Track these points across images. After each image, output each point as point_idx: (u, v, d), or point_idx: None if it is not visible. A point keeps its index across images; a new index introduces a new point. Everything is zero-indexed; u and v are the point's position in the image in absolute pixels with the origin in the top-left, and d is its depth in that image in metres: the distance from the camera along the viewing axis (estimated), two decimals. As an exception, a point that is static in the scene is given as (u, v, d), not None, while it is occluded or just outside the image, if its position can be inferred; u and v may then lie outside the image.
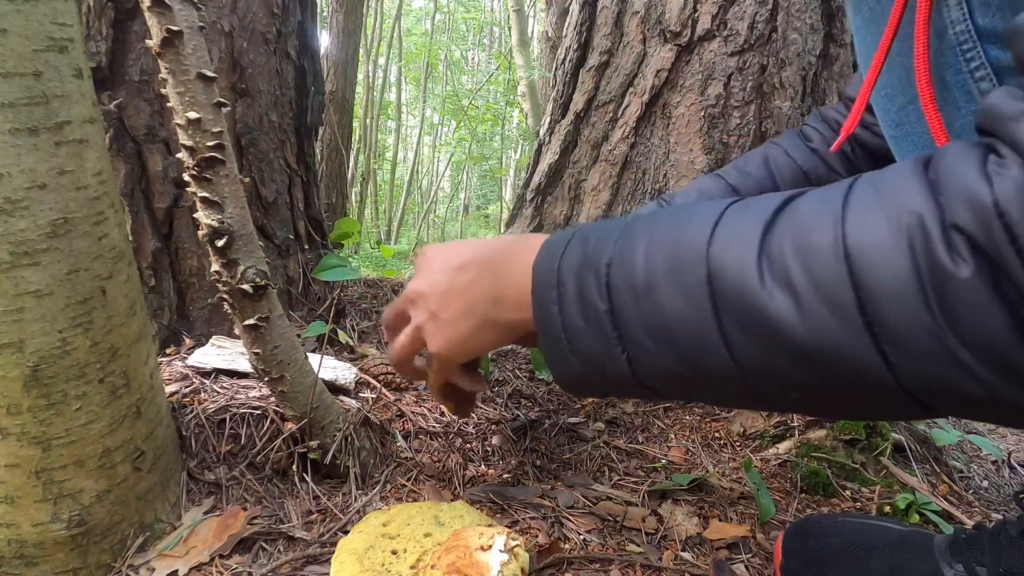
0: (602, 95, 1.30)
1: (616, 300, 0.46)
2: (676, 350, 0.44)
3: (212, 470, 0.80)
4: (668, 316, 0.43)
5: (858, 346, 0.37)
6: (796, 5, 1.18)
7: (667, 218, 0.47)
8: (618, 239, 0.48)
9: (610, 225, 0.51)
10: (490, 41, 13.16)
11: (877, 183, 0.39)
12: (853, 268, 0.37)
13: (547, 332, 0.51)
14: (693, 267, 0.42)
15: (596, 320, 0.47)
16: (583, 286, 0.48)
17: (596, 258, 0.48)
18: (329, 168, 4.47)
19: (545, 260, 0.52)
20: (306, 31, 1.22)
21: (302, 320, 1.16)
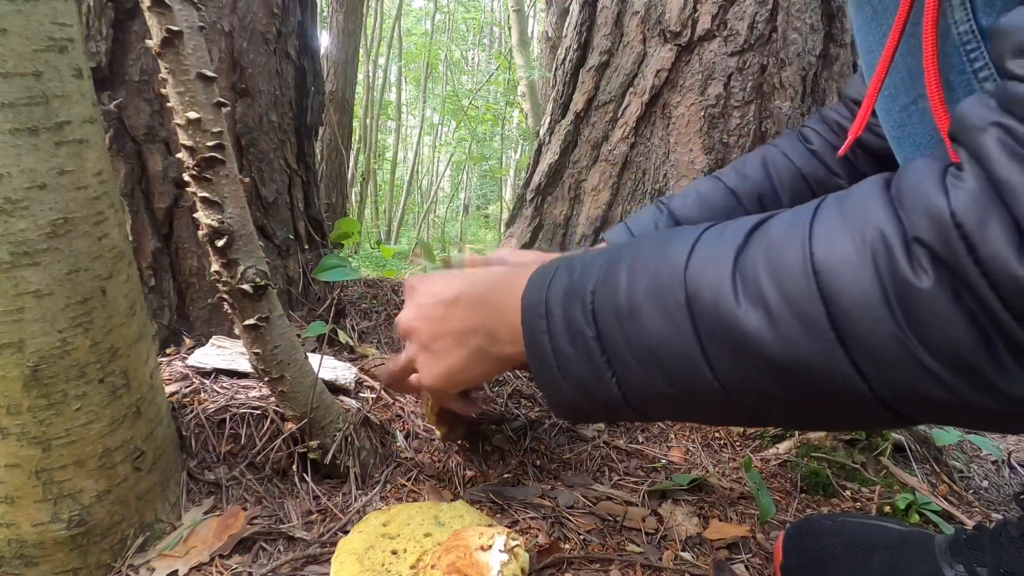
0: (602, 95, 1.30)
1: (602, 325, 0.47)
2: (662, 371, 0.45)
3: (212, 470, 0.80)
4: (652, 338, 0.45)
5: (831, 359, 0.38)
6: (796, 5, 1.18)
7: (648, 245, 0.49)
8: (602, 266, 0.49)
9: (595, 254, 0.52)
10: (490, 41, 13.16)
11: (843, 201, 0.41)
12: (822, 283, 0.38)
13: (538, 361, 0.52)
14: (672, 290, 0.44)
15: (584, 346, 0.48)
16: (570, 314, 0.49)
17: (582, 286, 0.49)
18: (329, 168, 4.48)
19: (533, 291, 0.53)
20: (306, 31, 1.22)
21: (302, 320, 1.16)
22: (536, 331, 0.51)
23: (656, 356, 0.45)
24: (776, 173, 0.91)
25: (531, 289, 0.53)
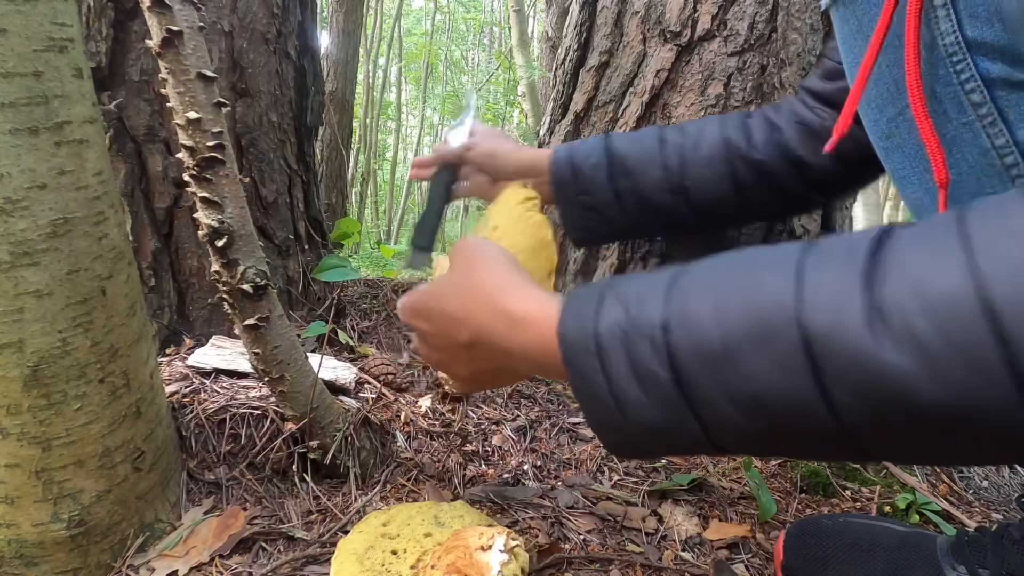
0: (602, 95, 1.30)
1: (684, 368, 0.42)
2: (765, 415, 0.40)
3: (212, 470, 0.80)
4: (756, 383, 0.40)
5: (1008, 404, 0.34)
6: (796, 5, 1.18)
7: (729, 273, 0.43)
8: (668, 298, 0.43)
9: (647, 280, 0.46)
10: (490, 41, 13.16)
11: (1004, 222, 0.35)
12: (1001, 323, 0.33)
13: (593, 403, 0.47)
14: (783, 331, 0.38)
15: (658, 390, 0.43)
16: (634, 353, 0.43)
17: (645, 321, 0.43)
18: (329, 168, 4.47)
19: (575, 326, 0.47)
20: (306, 31, 1.22)
21: (302, 320, 1.16)
22: (587, 372, 0.46)
23: (759, 401, 0.40)
24: (706, 131, 0.93)
25: (571, 325, 0.47)
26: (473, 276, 0.57)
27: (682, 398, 0.42)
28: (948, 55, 0.51)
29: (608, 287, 0.48)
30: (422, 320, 0.62)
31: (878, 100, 0.58)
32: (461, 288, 0.57)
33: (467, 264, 0.58)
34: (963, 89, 0.51)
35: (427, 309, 0.61)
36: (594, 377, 0.45)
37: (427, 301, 0.61)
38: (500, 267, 0.57)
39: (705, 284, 0.43)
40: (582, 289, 0.50)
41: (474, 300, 0.56)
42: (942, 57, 0.50)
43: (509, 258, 0.58)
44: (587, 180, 0.94)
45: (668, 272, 0.46)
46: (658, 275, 0.47)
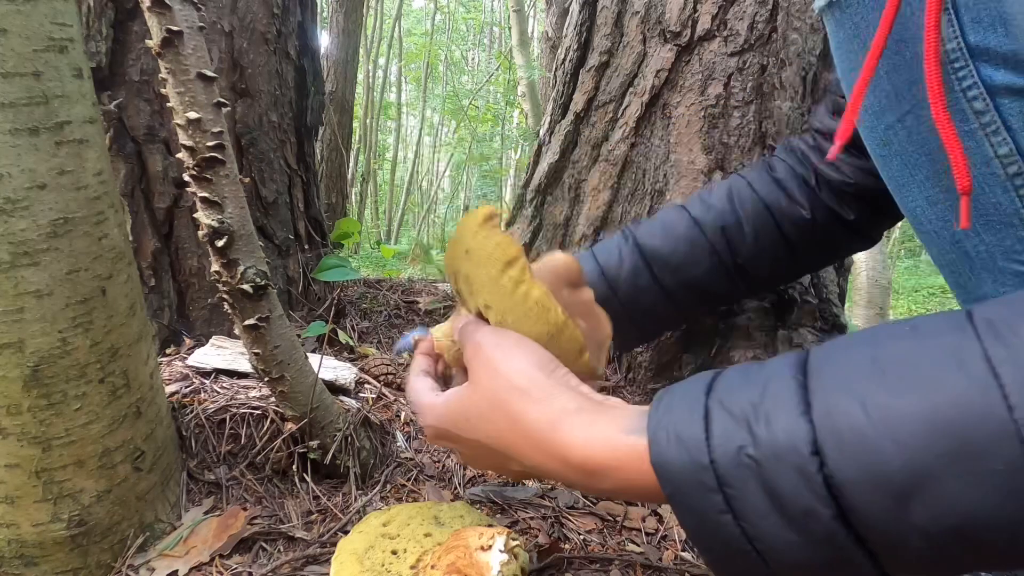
0: (602, 95, 1.30)
1: (854, 503, 0.34)
2: (971, 544, 0.33)
3: (212, 470, 0.80)
4: (956, 513, 0.32)
5: None
6: (796, 5, 1.18)
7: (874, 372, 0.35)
8: (805, 410, 0.35)
9: (756, 383, 0.38)
10: (490, 41, 13.16)
11: None
12: None
13: (720, 548, 0.38)
14: (996, 448, 0.31)
15: (816, 528, 0.35)
16: (776, 487, 0.35)
17: (784, 445, 0.35)
18: (329, 168, 4.47)
19: (679, 457, 0.38)
20: (306, 31, 1.22)
21: (302, 320, 1.16)
22: (707, 512, 0.37)
23: (963, 532, 0.33)
24: (740, 204, 0.89)
25: (673, 455, 0.38)
26: (506, 403, 0.47)
27: (850, 535, 0.34)
28: (950, 61, 0.50)
29: (708, 392, 0.39)
30: (453, 443, 0.55)
31: (875, 107, 0.58)
32: (494, 416, 0.48)
33: (491, 380, 0.49)
34: (965, 96, 0.50)
35: (457, 436, 0.53)
36: (719, 519, 0.37)
37: (455, 427, 0.53)
38: (536, 384, 0.47)
39: (851, 390, 0.34)
40: (667, 394, 0.41)
41: (521, 438, 0.46)
42: (944, 63, 0.50)
43: (538, 359, 0.49)
44: (629, 288, 0.86)
45: (781, 367, 0.38)
46: (767, 369, 0.38)
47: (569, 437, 0.43)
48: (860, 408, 0.33)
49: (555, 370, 0.48)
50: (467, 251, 0.57)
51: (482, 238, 0.56)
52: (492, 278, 0.55)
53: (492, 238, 0.56)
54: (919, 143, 0.55)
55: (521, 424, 0.46)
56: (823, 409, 0.34)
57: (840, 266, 1.25)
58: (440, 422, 0.54)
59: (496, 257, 0.55)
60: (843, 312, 1.22)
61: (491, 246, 0.55)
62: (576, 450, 0.43)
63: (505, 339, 0.52)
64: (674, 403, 0.40)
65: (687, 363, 1.17)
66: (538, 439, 0.45)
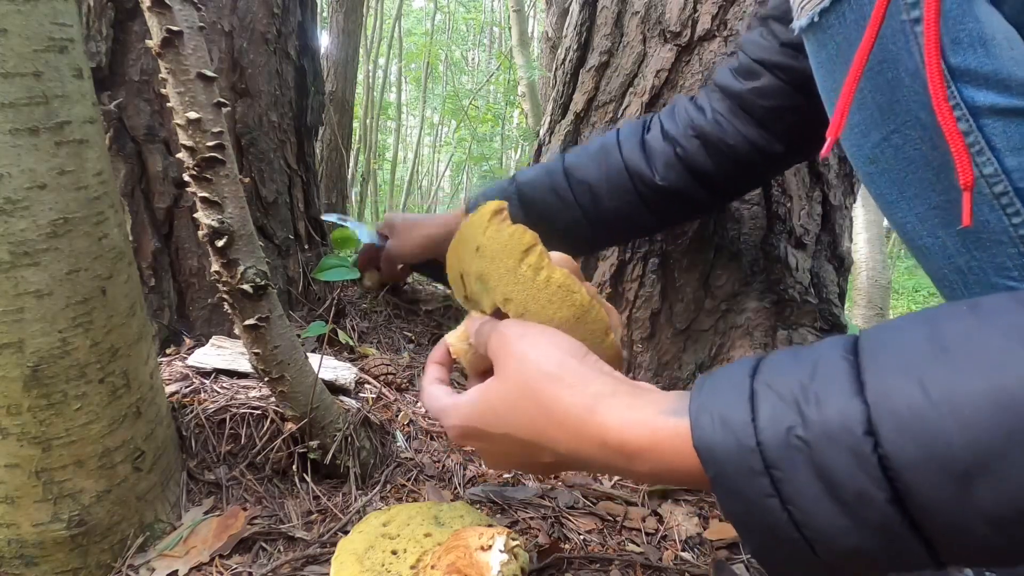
0: (602, 95, 1.30)
1: (912, 486, 0.32)
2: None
3: (212, 470, 0.80)
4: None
5: None
6: (796, 5, 1.18)
7: (934, 349, 0.33)
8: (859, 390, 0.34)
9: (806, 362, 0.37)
10: (490, 41, 13.16)
11: None
12: None
13: (766, 534, 0.37)
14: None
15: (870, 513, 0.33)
16: (828, 469, 0.33)
17: (836, 425, 0.33)
18: (329, 168, 4.47)
19: (724, 439, 0.36)
20: (306, 31, 1.22)
21: (302, 320, 1.16)
22: (753, 497, 0.36)
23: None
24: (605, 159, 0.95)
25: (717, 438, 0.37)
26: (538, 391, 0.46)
27: (905, 521, 0.33)
28: None
29: (752, 375, 0.38)
30: (480, 441, 0.52)
31: (861, 126, 0.57)
32: (525, 405, 0.47)
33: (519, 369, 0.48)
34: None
35: (485, 433, 0.51)
36: (765, 503, 0.35)
37: (482, 422, 0.51)
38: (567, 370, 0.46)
39: (908, 370, 0.33)
40: (710, 378, 0.40)
41: (556, 424, 0.45)
42: (925, 85, 0.50)
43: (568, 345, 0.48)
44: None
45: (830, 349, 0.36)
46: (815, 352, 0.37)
47: (607, 419, 0.42)
48: (918, 388, 0.32)
49: (586, 356, 0.47)
50: (478, 248, 0.56)
51: (493, 232, 0.56)
52: (510, 269, 0.55)
53: (504, 230, 0.55)
54: (907, 161, 0.55)
55: (555, 410, 0.44)
56: (878, 389, 0.33)
57: (840, 266, 1.25)
58: (467, 420, 0.52)
59: (512, 248, 0.54)
60: (843, 312, 1.22)
61: (505, 238, 0.55)
62: (614, 432, 0.42)
63: (530, 328, 0.51)
64: (718, 385, 0.39)
65: (687, 363, 1.17)
66: (574, 424, 0.44)
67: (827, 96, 0.61)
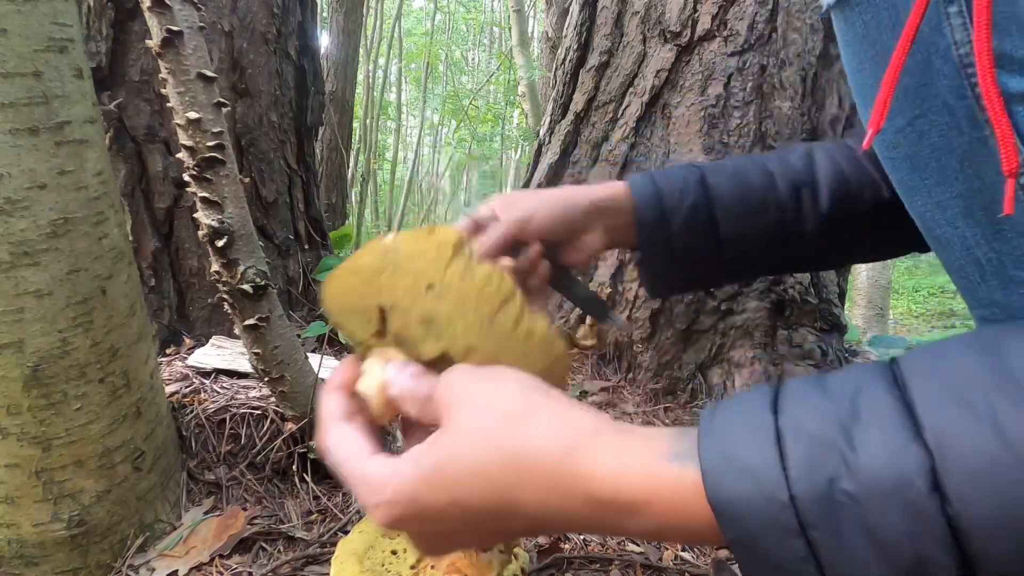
0: (602, 95, 1.30)
1: (988, 553, 0.26)
2: None
3: (212, 470, 0.80)
4: None
5: None
6: (796, 5, 1.18)
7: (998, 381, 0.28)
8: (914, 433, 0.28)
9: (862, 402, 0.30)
10: (490, 41, 13.17)
11: None
12: None
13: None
14: None
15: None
16: (882, 531, 0.28)
17: (894, 478, 0.27)
18: (329, 168, 4.47)
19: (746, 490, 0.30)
20: (306, 31, 1.22)
21: (302, 320, 1.16)
22: (784, 559, 0.29)
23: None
24: (820, 167, 0.84)
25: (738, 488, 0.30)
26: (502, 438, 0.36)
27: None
28: (963, 66, 0.49)
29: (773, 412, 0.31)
30: (423, 523, 0.38)
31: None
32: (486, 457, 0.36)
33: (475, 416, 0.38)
34: (979, 104, 0.49)
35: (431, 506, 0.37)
36: (800, 569, 0.29)
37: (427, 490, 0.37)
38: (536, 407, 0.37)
39: (974, 406, 0.27)
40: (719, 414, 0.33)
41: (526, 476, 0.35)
42: (956, 68, 0.49)
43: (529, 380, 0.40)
44: (683, 224, 0.76)
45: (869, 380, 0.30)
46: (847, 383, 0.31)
47: (592, 465, 0.34)
48: (991, 429, 0.26)
49: (549, 390, 0.39)
50: (430, 286, 0.47)
51: (460, 271, 0.46)
52: (483, 318, 0.46)
53: (476, 272, 0.46)
54: (930, 147, 0.54)
55: (525, 457, 0.35)
56: (941, 430, 0.27)
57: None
58: (402, 493, 0.37)
59: (489, 295, 0.46)
60: (843, 312, 1.22)
61: (479, 282, 0.46)
62: (603, 481, 0.33)
63: (479, 370, 0.41)
64: (732, 423, 0.32)
65: (687, 363, 1.17)
66: (551, 472, 0.35)
67: (853, 76, 0.60)
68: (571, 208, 0.72)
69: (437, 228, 0.49)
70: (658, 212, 0.75)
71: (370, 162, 7.27)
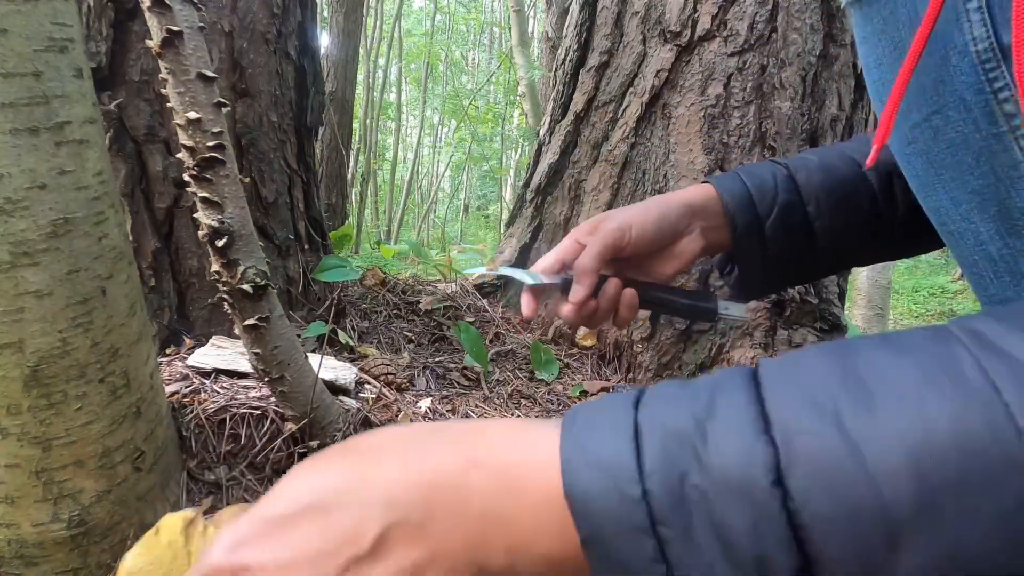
0: (602, 95, 1.30)
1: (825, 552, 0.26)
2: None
3: (212, 470, 0.80)
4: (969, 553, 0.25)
5: None
6: (796, 5, 1.18)
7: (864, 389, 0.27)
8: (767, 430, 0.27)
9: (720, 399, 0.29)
10: (490, 41, 13.18)
11: None
12: None
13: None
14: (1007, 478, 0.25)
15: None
16: (728, 528, 0.27)
17: (741, 473, 0.27)
18: (329, 168, 4.47)
19: (599, 480, 0.28)
20: (306, 31, 1.22)
21: (302, 320, 1.16)
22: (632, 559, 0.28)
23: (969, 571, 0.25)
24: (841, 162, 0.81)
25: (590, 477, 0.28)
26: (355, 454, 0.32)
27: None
28: (981, 61, 0.49)
29: (635, 407, 0.30)
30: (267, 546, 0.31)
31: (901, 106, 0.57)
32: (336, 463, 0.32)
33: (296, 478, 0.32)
34: (996, 98, 0.49)
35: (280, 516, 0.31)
36: (649, 569, 0.27)
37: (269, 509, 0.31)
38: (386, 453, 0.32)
39: (821, 406, 0.27)
40: (583, 409, 0.32)
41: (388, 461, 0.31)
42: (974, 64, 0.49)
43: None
44: (777, 223, 0.73)
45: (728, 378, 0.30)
46: (710, 382, 0.31)
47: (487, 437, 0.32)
48: (834, 428, 0.26)
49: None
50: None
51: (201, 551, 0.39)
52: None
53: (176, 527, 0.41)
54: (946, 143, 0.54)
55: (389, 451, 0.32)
56: (787, 426, 0.27)
57: (840, 266, 1.25)
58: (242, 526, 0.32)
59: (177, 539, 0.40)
60: (843, 312, 1.22)
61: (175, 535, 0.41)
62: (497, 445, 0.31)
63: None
64: (593, 418, 0.31)
65: (687, 363, 1.17)
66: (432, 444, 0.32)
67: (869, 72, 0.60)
68: (665, 212, 0.70)
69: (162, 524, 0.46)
70: (750, 212, 0.74)
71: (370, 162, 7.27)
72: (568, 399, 1.14)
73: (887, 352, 0.29)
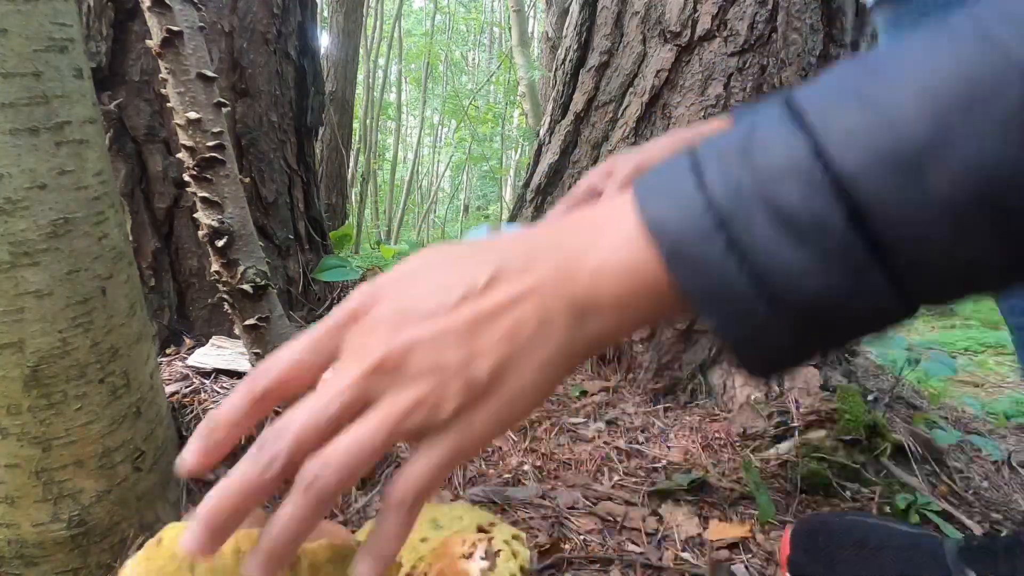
0: (602, 95, 1.30)
1: (867, 192, 0.29)
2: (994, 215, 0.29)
3: (212, 470, 0.80)
4: (980, 169, 0.28)
5: None
6: (796, 5, 1.18)
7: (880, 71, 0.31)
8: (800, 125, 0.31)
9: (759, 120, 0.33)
10: (490, 41, 13.18)
11: None
12: None
13: (719, 300, 0.32)
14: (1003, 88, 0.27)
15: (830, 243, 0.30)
16: (781, 203, 0.30)
17: (787, 161, 0.31)
18: (329, 168, 4.47)
19: (670, 208, 0.33)
20: (306, 31, 1.22)
21: (302, 320, 1.16)
22: (709, 260, 0.32)
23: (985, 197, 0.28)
24: None
25: (664, 207, 0.33)
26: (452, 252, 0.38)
27: (860, 238, 0.30)
28: None
29: (690, 152, 0.34)
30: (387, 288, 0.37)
31: None
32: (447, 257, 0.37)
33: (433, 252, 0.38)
34: None
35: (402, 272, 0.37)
36: (718, 264, 0.31)
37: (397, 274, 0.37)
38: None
39: (843, 92, 0.31)
40: (647, 175, 0.35)
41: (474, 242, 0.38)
42: None
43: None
44: None
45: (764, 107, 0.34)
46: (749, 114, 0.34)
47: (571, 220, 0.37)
48: (856, 102, 0.30)
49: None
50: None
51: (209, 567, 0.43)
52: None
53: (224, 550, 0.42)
54: None
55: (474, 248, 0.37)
56: (818, 113, 0.31)
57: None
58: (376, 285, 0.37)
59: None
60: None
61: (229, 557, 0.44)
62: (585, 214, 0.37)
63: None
64: (658, 169, 0.35)
65: (687, 363, 1.17)
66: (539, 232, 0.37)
67: None
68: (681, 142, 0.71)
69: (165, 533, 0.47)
70: None
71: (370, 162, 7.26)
72: (568, 399, 1.14)
73: (894, 45, 0.32)
